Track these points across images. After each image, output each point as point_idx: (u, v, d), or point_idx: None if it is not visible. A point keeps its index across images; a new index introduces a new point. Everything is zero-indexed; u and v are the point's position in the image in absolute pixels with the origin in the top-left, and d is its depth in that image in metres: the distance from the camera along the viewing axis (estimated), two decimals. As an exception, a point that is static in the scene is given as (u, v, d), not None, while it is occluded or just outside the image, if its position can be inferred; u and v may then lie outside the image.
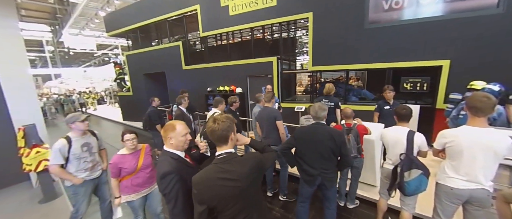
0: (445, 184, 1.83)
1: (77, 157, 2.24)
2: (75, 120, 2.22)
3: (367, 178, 3.17)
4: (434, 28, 3.84)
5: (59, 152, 2.15)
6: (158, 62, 8.01)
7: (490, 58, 3.56)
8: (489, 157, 1.64)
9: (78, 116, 2.28)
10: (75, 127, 2.23)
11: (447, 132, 1.82)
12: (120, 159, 2.07)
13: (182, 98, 4.08)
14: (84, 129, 2.29)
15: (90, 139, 2.40)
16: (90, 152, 2.36)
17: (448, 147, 1.80)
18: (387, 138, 2.24)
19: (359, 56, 4.54)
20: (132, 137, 2.08)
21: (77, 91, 18.08)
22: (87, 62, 30.31)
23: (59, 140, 2.19)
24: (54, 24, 17.72)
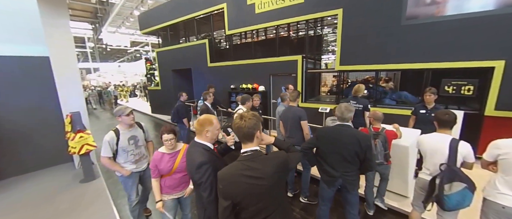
0: (495, 201, 1.63)
1: (124, 149, 2.30)
2: (121, 114, 2.24)
3: (397, 187, 2.96)
4: (485, 25, 3.41)
5: (108, 144, 2.20)
6: (185, 59, 8.37)
7: None
8: None
9: (123, 109, 2.27)
10: (121, 120, 2.27)
11: (502, 142, 1.63)
12: (158, 158, 2.01)
13: (207, 94, 4.22)
14: (128, 123, 2.30)
15: (137, 132, 2.42)
16: (136, 145, 2.39)
17: (502, 160, 1.61)
18: (425, 145, 2.05)
19: (393, 55, 4.24)
20: (170, 138, 1.97)
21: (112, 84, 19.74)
22: (121, 57, 32.89)
23: (109, 132, 2.26)
24: (95, 23, 19.52)
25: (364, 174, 2.57)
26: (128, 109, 2.30)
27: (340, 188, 2.17)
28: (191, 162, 1.45)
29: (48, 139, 4.08)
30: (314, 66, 6.68)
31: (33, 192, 3.37)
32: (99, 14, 16.85)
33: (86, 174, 3.65)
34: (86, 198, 3.18)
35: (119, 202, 3.25)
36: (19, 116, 3.83)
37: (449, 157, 1.84)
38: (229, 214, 1.24)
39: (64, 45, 3.91)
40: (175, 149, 2.05)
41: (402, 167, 2.84)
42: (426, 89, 3.13)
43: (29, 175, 3.89)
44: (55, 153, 4.16)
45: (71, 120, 3.58)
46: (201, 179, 1.38)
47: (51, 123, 4.05)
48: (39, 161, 4.06)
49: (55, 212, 2.86)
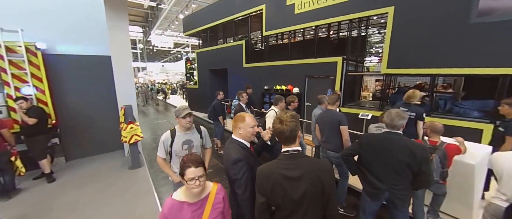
0: None
1: (177, 154, 2.10)
2: (178, 115, 2.05)
3: (458, 212, 2.52)
4: None
5: (162, 144, 2.07)
6: (222, 59, 8.73)
7: None
8: None
9: (181, 110, 2.05)
10: (178, 122, 2.09)
11: None
12: (174, 210, 1.23)
13: (240, 95, 4.30)
14: (185, 126, 2.08)
15: (193, 137, 2.16)
16: (190, 151, 2.13)
17: None
18: (502, 165, 1.70)
19: (456, 58, 3.65)
20: (199, 175, 1.21)
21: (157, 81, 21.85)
22: (164, 58, 36.22)
23: (166, 132, 2.12)
24: (145, 26, 21.91)
25: (417, 190, 2.26)
26: (185, 110, 2.05)
27: (387, 203, 1.94)
28: (227, 157, 1.48)
29: (105, 128, 4.71)
30: (356, 69, 6.23)
31: (91, 173, 3.92)
32: (149, 18, 18.85)
33: (133, 161, 4.08)
34: (133, 183, 3.56)
35: (160, 190, 3.54)
36: (85, 107, 4.52)
37: (537, 183, 1.49)
38: (265, 211, 1.24)
39: (123, 45, 4.47)
40: (202, 196, 1.31)
41: (466, 188, 2.40)
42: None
43: (88, 159, 4.55)
44: (109, 141, 4.78)
45: (124, 112, 4.06)
46: (237, 175, 1.39)
47: (109, 114, 4.67)
48: (96, 147, 4.72)
49: (107, 193, 3.27)
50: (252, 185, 1.37)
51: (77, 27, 4.30)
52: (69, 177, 3.76)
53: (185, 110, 2.05)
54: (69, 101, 4.35)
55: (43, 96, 3.87)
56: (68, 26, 4.23)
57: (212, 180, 3.77)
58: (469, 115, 3.84)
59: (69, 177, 3.78)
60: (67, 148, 4.37)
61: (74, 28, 4.28)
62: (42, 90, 3.86)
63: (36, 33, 3.87)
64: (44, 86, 3.87)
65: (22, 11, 3.83)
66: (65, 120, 4.27)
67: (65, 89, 4.29)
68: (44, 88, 3.87)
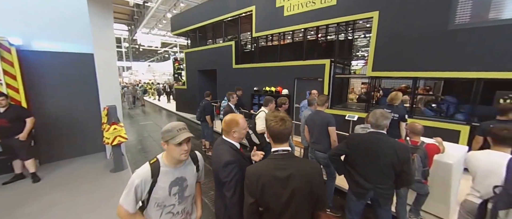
0: None
1: (160, 204, 1.32)
2: (170, 139, 1.24)
3: (436, 209, 2.65)
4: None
5: (133, 191, 1.24)
6: (211, 60, 8.63)
7: None
8: None
9: (174, 131, 1.25)
10: (168, 149, 1.28)
11: None
12: None
13: (231, 95, 4.27)
14: (178, 158, 1.29)
15: (187, 171, 1.41)
16: (182, 195, 1.39)
17: None
18: (476, 164, 1.81)
19: (436, 62, 3.86)
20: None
21: (143, 81, 21.18)
22: (151, 57, 35.26)
23: (142, 167, 1.30)
24: (131, 24, 21.22)
25: (399, 189, 2.35)
26: (182, 132, 1.26)
27: (371, 202, 2.00)
28: (217, 160, 1.44)
29: (86, 129, 4.48)
30: (343, 72, 6.41)
31: (69, 177, 3.69)
32: (136, 16, 18.28)
33: (116, 164, 3.90)
34: (114, 187, 3.39)
35: (145, 193, 3.41)
36: (64, 107, 4.27)
37: (506, 179, 1.61)
38: (254, 212, 1.23)
39: (107, 43, 4.28)
40: None
41: (444, 186, 2.53)
42: None
43: (68, 161, 4.29)
44: (90, 142, 4.55)
45: (107, 113, 3.88)
46: (227, 178, 1.37)
47: (90, 114, 4.44)
48: (75, 148, 4.47)
49: (87, 198, 3.09)
50: (241, 187, 1.36)
51: (57, 23, 4.07)
52: (44, 182, 3.52)
53: (182, 132, 1.25)
54: (47, 100, 4.09)
55: (16, 95, 3.61)
56: (47, 21, 3.98)
57: (200, 182, 3.71)
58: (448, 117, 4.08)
59: (44, 181, 3.54)
60: (42, 150, 4.10)
61: (53, 24, 4.04)
62: (15, 88, 3.60)
63: (10, 28, 3.61)
64: (18, 84, 3.61)
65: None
66: (41, 119, 4.00)
67: (42, 87, 4.03)
68: (18, 86, 3.61)
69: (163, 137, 1.27)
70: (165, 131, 1.27)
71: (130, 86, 15.87)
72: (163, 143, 1.29)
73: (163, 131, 1.28)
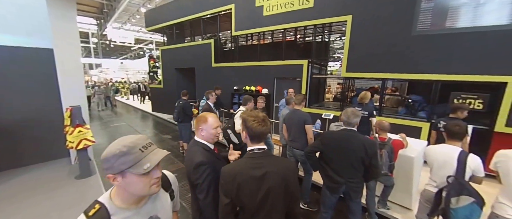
0: (493, 211, 1.68)
1: None
2: (127, 166, 0.75)
3: (400, 199, 2.89)
4: (498, 39, 3.36)
5: None
6: (189, 58, 8.36)
7: None
8: None
9: (138, 155, 0.76)
10: (125, 183, 0.77)
11: (501, 151, 1.69)
12: None
13: (210, 94, 4.18)
14: (148, 191, 0.82)
15: (157, 206, 0.94)
16: None
17: (498, 168, 1.67)
18: (432, 156, 2.01)
19: (402, 65, 4.19)
20: None
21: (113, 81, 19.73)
22: (124, 54, 33.02)
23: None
24: (100, 18, 19.63)
25: (368, 182, 2.52)
26: (151, 150, 0.82)
27: (343, 196, 2.11)
28: (189, 161, 1.39)
29: (46, 132, 4.02)
30: (320, 72, 6.66)
31: (26, 186, 3.29)
32: (105, 9, 16.95)
33: (82, 170, 3.58)
34: (80, 195, 3.11)
35: (115, 199, 3.18)
36: (18, 108, 3.79)
37: (457, 170, 1.80)
38: (229, 213, 1.21)
39: (69, 37, 3.90)
40: None
41: (407, 178, 2.77)
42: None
43: (24, 169, 3.82)
44: (51, 147, 4.10)
45: (70, 114, 3.53)
46: (198, 180, 1.33)
47: (50, 116, 4.00)
48: (35, 154, 3.99)
49: (46, 209, 2.79)
50: (215, 188, 1.33)
51: (8, 13, 3.59)
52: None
53: (149, 150, 0.81)
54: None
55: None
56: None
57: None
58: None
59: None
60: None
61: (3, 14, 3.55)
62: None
63: None
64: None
65: None
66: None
67: (-11, 86, 3.53)
68: (-43, 85, 3.12)
69: (112, 167, 0.74)
70: (115, 155, 0.73)
71: (103, 85, 14.50)
72: (112, 176, 0.75)
73: (110, 155, 0.73)
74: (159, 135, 6.92)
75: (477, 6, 3.46)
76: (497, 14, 3.34)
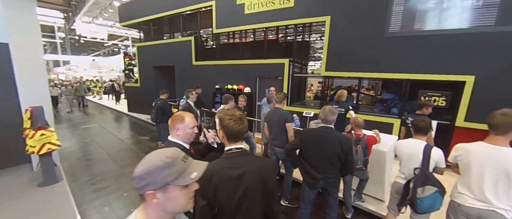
0: (454, 200, 1.79)
1: None
2: (172, 178, 0.68)
3: (374, 191, 3.06)
4: (459, 41, 3.68)
5: None
6: (168, 56, 8.02)
7: None
8: (501, 178, 1.56)
9: (179, 161, 0.71)
10: (168, 199, 0.69)
11: (460, 145, 1.80)
12: None
13: (190, 92, 4.06)
14: (186, 208, 0.75)
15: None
16: None
17: (459, 161, 1.78)
18: (401, 150, 2.15)
19: (376, 65, 4.43)
20: None
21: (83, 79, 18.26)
22: (96, 51, 30.75)
23: None
24: (68, 11, 18.01)
25: (344, 177, 2.63)
26: (191, 160, 0.78)
27: (322, 191, 2.18)
28: None
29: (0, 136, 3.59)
30: (301, 71, 6.79)
31: (-21, 196, 2.93)
32: (73, 2, 15.59)
33: (46, 176, 3.26)
34: (44, 204, 2.83)
35: (86, 208, 2.95)
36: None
37: (423, 162, 1.94)
38: (206, 214, 1.18)
39: (29, 31, 3.50)
40: None
41: (380, 171, 2.95)
42: None
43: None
44: (8, 152, 3.67)
45: (31, 116, 3.19)
46: None
47: (6, 118, 3.57)
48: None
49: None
50: None
51: None
52: None
53: (190, 160, 0.77)
54: None
55: None
56: None
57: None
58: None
59: None
60: None
61: None
62: None
63: None
64: None
65: None
66: None
67: None
68: None
69: (155, 181, 0.66)
70: (159, 168, 0.67)
71: (74, 84, 13.22)
72: (152, 193, 0.67)
73: (154, 168, 0.67)
74: (136, 136, 6.56)
75: (441, 11, 3.77)
76: (458, 18, 3.67)
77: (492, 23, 3.43)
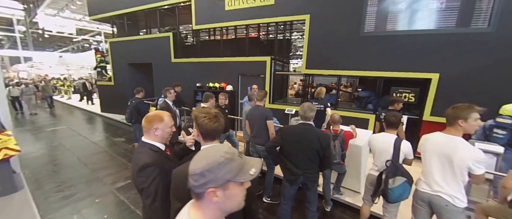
0: (416, 187, 1.94)
1: None
2: (233, 175, 0.67)
3: (351, 184, 3.21)
4: (425, 41, 3.95)
5: None
6: (145, 53, 7.61)
7: (479, 75, 3.67)
8: (445, 163, 1.71)
9: (236, 157, 0.70)
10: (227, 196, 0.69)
11: (424, 135, 1.94)
12: None
13: (168, 91, 3.89)
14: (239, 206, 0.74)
15: None
16: None
17: (421, 150, 1.94)
18: (374, 144, 2.27)
19: (353, 63, 4.61)
20: None
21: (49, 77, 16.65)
22: (64, 46, 28.22)
23: None
24: (28, 2, 16.24)
25: (323, 172, 2.71)
26: (251, 161, 0.76)
27: (301, 186, 2.22)
28: (135, 164, 1.28)
29: None
30: (283, 69, 6.86)
31: None
32: (35, -8, 14.11)
33: (3, 185, 2.92)
34: (1, 216, 2.54)
35: (50, 217, 2.70)
36: None
37: (393, 154, 2.07)
38: None
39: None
40: None
41: (356, 165, 3.09)
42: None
43: None
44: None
45: (-18, 118, 2.83)
46: (144, 184, 1.22)
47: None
48: None
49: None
50: (163, 192, 1.23)
51: None
52: None
53: (249, 159, 0.76)
54: None
55: None
56: None
57: (129, 193, 3.22)
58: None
59: None
60: None
61: None
62: None
63: None
64: None
65: None
66: None
67: None
68: None
69: (215, 178, 0.65)
70: (220, 164, 0.65)
71: (42, 82, 11.81)
72: (213, 190, 0.65)
73: (215, 164, 0.65)
74: (110, 138, 6.15)
75: (411, 13, 4.04)
76: (425, 20, 3.95)
77: (453, 25, 3.75)
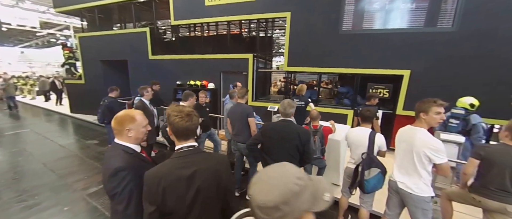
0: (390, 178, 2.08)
1: None
2: (310, 204, 0.58)
3: (331, 177, 3.31)
4: (397, 40, 4.18)
5: None
6: (120, 49, 7.15)
7: (445, 72, 3.96)
8: (408, 153, 1.85)
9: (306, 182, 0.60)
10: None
11: (400, 129, 2.05)
12: None
13: (144, 89, 3.69)
14: None
15: None
16: None
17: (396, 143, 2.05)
18: (351, 138, 2.36)
19: (333, 60, 4.74)
20: None
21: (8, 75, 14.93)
22: (26, 41, 25.53)
23: None
24: (-18, -10, 14.37)
25: (303, 167, 2.77)
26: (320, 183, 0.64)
27: None
28: (106, 169, 1.18)
29: None
30: (265, 66, 6.87)
31: None
32: (-12, -21, 12.51)
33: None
34: None
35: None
36: None
37: (369, 147, 2.17)
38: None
39: None
40: None
41: (335, 159, 3.21)
42: None
43: None
44: None
45: None
46: (116, 189, 1.13)
47: None
48: None
49: None
50: (137, 196, 1.15)
51: None
52: None
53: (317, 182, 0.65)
54: None
55: None
56: None
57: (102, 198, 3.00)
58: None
59: None
60: None
61: None
62: None
63: None
64: None
65: None
66: None
67: None
68: None
69: (292, 211, 0.55)
70: (295, 194, 0.55)
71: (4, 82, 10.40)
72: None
73: (290, 195, 0.54)
74: (81, 141, 5.71)
75: (385, 13, 4.25)
76: (399, 20, 4.19)
77: (422, 25, 4.02)
